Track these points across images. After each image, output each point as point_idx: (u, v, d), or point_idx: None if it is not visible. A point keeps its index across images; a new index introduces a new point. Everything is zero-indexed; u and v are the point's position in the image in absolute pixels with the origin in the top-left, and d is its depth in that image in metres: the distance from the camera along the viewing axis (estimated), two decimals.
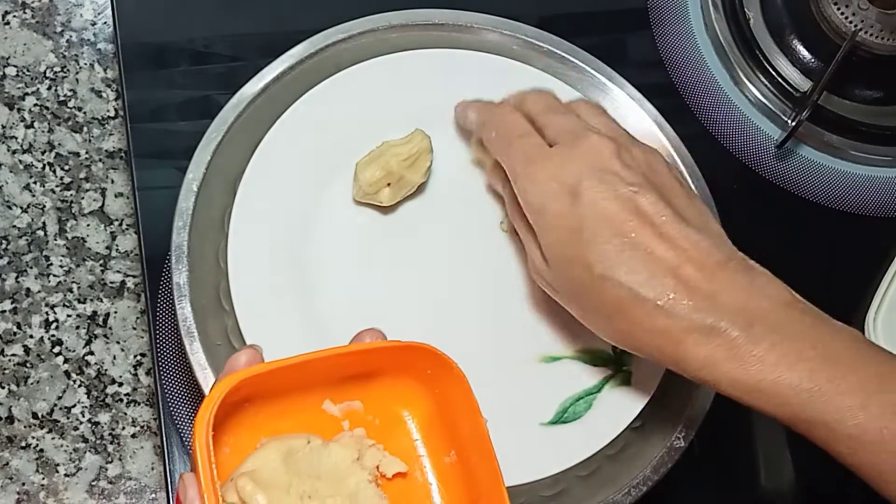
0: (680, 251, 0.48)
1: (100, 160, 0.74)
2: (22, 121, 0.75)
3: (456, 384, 0.45)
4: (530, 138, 0.53)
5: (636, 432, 0.59)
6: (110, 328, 0.71)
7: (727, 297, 0.47)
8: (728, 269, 0.48)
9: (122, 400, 0.70)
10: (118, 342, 0.71)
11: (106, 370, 0.71)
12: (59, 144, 0.75)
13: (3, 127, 0.75)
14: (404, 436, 0.48)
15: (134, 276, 0.72)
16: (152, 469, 0.69)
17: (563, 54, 0.66)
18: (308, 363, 0.44)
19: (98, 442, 0.69)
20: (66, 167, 0.74)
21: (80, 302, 0.72)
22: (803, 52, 0.73)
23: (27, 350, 0.71)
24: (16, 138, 0.74)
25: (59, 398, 0.70)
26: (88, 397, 0.70)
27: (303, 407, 0.47)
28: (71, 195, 0.74)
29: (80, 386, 0.70)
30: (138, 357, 0.71)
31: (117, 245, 0.73)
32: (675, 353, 0.48)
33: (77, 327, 0.71)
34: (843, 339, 0.47)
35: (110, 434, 0.70)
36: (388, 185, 0.59)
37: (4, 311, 0.71)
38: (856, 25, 0.71)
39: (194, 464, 0.40)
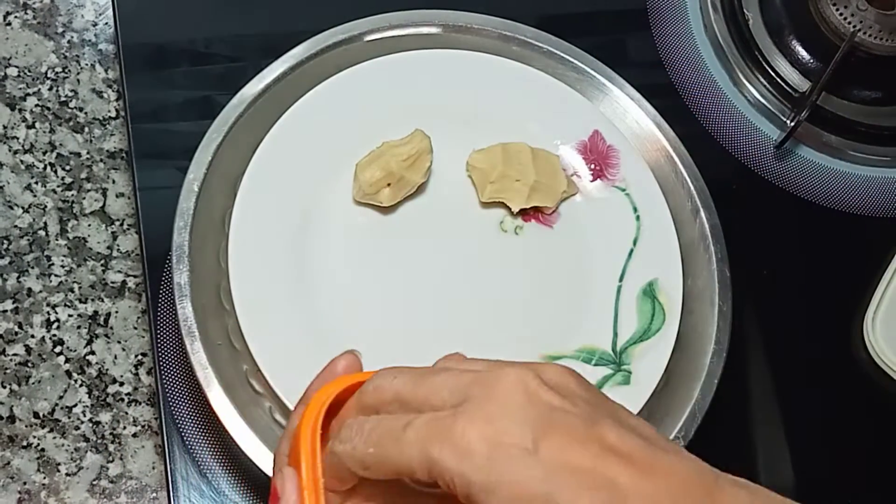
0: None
1: (101, 160, 0.75)
2: (23, 121, 0.75)
3: None
4: (423, 417, 0.39)
5: None
6: (111, 328, 0.72)
7: None
8: (725, 489, 0.39)
9: (123, 399, 0.70)
10: (119, 342, 0.71)
11: (107, 370, 0.71)
12: (61, 145, 0.75)
13: (5, 127, 0.75)
14: None
15: (135, 276, 0.72)
16: (153, 468, 0.69)
17: (563, 54, 0.66)
18: None
19: (99, 441, 0.70)
20: (68, 167, 0.74)
21: (81, 302, 0.72)
22: (802, 53, 0.74)
23: (28, 350, 0.71)
24: (17, 139, 0.75)
25: (61, 398, 0.70)
26: (89, 397, 0.70)
27: None
28: (72, 195, 0.74)
29: (81, 385, 0.70)
30: (139, 357, 0.71)
31: (118, 245, 0.73)
32: None
33: (78, 327, 0.71)
34: None
35: (111, 433, 0.70)
36: (388, 185, 0.59)
37: (6, 311, 0.71)
38: (854, 26, 0.71)
39: (297, 461, 0.40)
